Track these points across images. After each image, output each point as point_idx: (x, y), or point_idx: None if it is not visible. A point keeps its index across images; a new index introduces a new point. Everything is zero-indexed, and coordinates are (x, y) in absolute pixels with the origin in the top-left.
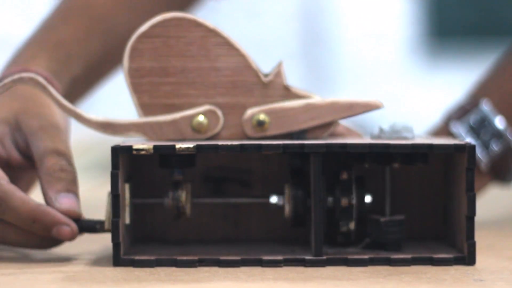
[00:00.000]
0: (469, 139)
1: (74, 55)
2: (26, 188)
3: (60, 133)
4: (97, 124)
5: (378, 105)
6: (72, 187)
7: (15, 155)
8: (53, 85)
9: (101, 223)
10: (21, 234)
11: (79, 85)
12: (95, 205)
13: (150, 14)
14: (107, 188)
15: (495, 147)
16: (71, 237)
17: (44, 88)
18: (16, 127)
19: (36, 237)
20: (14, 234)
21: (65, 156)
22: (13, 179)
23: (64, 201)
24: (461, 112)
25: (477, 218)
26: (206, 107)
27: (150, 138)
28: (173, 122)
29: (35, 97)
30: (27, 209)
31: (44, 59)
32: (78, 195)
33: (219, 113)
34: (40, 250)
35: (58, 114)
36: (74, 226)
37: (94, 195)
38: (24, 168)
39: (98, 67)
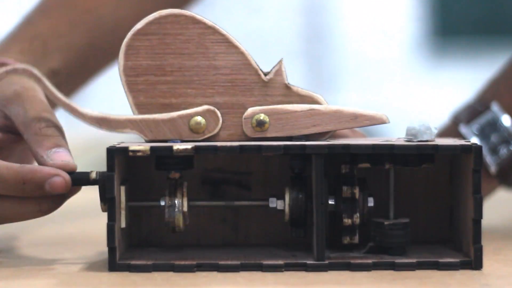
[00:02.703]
0: (478, 141)
1: (52, 48)
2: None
3: (37, 93)
4: (92, 118)
5: (383, 120)
6: (61, 141)
7: None
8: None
9: (94, 176)
10: (15, 205)
11: (63, 80)
12: (92, 206)
13: (138, 6)
14: None
15: (505, 151)
16: (65, 188)
17: (38, 80)
18: None
19: (31, 203)
20: (8, 208)
21: (48, 114)
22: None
23: (56, 156)
24: (472, 113)
25: (484, 222)
26: (205, 107)
27: (146, 136)
28: (171, 120)
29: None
30: (13, 173)
31: (16, 52)
32: (69, 149)
33: (218, 113)
34: (41, 217)
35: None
36: (65, 175)
37: (90, 196)
38: (8, 143)
39: (84, 62)
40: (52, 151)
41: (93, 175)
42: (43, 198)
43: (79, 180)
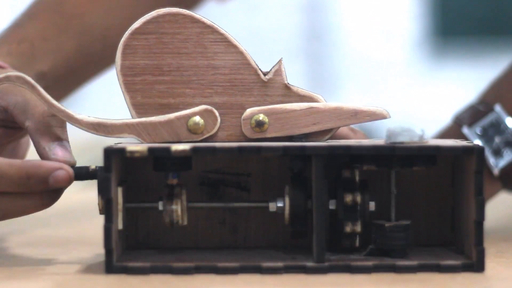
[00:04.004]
0: (481, 143)
1: (40, 51)
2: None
3: (36, 86)
4: (88, 124)
5: (384, 115)
6: (63, 134)
7: None
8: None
9: (93, 168)
10: (18, 200)
11: (50, 83)
12: (88, 207)
13: (127, 15)
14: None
15: (510, 153)
16: (69, 181)
17: (32, 87)
18: None
19: (34, 197)
20: (11, 203)
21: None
22: None
23: (58, 151)
24: (475, 115)
25: (486, 223)
26: (202, 107)
27: (144, 139)
28: (168, 122)
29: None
30: (17, 169)
31: (3, 53)
32: (69, 143)
33: (216, 113)
34: (43, 212)
35: None
36: (68, 168)
37: (85, 197)
38: (2, 139)
39: (71, 67)
40: (54, 144)
41: (92, 167)
42: (44, 192)
43: (78, 174)
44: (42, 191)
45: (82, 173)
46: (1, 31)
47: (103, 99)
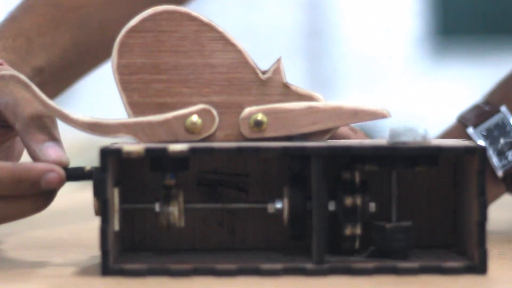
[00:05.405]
0: (485, 144)
1: (36, 46)
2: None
3: (30, 86)
4: (84, 124)
5: (384, 114)
6: (54, 134)
7: None
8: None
9: (89, 168)
10: (11, 204)
11: (47, 79)
12: (84, 209)
13: (126, 6)
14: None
15: None
16: (61, 183)
17: (27, 86)
18: None
19: (28, 200)
20: (4, 207)
21: (38, 103)
22: None
23: (49, 151)
24: (481, 116)
25: (489, 225)
26: (200, 106)
27: (140, 139)
28: (166, 122)
29: None
30: (7, 172)
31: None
32: (61, 143)
33: (214, 112)
34: (37, 214)
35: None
36: (59, 170)
37: (80, 198)
38: None
39: (68, 61)
40: (45, 145)
41: (88, 168)
42: (37, 195)
43: (73, 175)
44: (35, 194)
45: (77, 174)
46: None
47: (99, 97)
